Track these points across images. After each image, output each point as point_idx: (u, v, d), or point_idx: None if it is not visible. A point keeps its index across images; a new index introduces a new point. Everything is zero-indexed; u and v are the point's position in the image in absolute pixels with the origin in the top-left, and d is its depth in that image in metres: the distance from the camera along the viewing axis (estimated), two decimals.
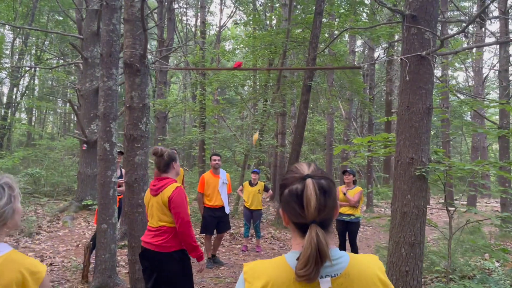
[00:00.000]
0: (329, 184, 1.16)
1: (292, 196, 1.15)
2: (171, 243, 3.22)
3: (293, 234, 1.20)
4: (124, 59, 4.20)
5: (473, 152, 16.94)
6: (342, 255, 1.18)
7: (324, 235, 1.10)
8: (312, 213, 1.10)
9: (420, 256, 3.73)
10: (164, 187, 3.24)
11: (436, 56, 3.72)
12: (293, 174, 1.20)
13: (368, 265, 1.19)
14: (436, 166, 3.72)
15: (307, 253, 1.08)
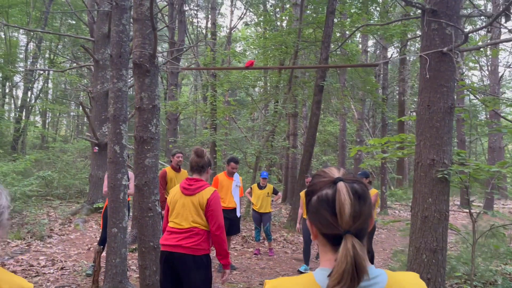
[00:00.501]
0: (363, 189, 1.02)
1: (321, 203, 1.00)
2: (202, 246, 3.16)
3: (323, 249, 1.05)
4: (134, 59, 4.10)
5: (489, 153, 16.57)
6: (379, 273, 1.02)
7: (361, 247, 0.96)
8: (346, 222, 0.96)
9: (443, 263, 3.56)
10: (202, 188, 3.19)
11: (458, 53, 3.55)
12: (321, 178, 1.05)
13: (409, 285, 1.02)
14: (459, 168, 3.54)
15: (341, 268, 0.93)
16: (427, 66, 3.59)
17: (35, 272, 5.77)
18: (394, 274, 1.04)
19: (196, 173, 3.29)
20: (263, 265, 7.02)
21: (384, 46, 16.13)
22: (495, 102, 4.75)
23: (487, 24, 3.23)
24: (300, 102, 15.73)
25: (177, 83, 16.14)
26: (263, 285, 5.75)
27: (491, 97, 4.45)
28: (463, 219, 13.12)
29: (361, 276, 0.93)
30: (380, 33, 12.67)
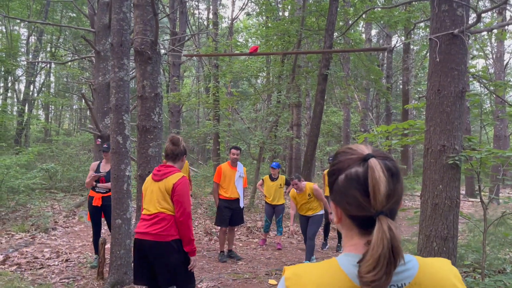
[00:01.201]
0: (395, 166, 0.92)
1: (351, 181, 0.91)
2: (169, 231, 3.09)
3: (348, 233, 0.96)
4: (135, 46, 4.00)
5: (495, 141, 16.43)
6: (411, 259, 0.93)
7: (397, 229, 0.87)
8: (380, 201, 0.86)
9: (454, 251, 3.48)
10: (169, 174, 3.15)
11: (469, 35, 3.44)
12: (348, 155, 0.95)
13: (441, 272, 0.94)
14: (471, 153, 3.44)
15: (377, 252, 0.83)
16: (437, 49, 3.48)
17: (40, 264, 5.74)
18: (425, 260, 0.96)
19: (170, 160, 3.24)
20: (268, 256, 6.97)
21: (388, 34, 15.92)
22: (505, 87, 4.64)
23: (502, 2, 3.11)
24: (304, 92, 15.59)
25: (179, 75, 16.03)
26: (269, 275, 5.71)
27: (501, 82, 4.34)
28: (468, 208, 13.03)
29: (398, 260, 0.85)
30: (384, 21, 12.50)
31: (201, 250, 7.04)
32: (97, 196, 5.70)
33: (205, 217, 9.50)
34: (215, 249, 7.16)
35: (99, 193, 5.71)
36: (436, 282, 0.91)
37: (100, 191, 5.72)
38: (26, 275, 5.28)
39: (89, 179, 5.71)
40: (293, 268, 0.95)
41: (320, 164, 24.59)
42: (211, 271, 5.81)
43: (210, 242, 7.76)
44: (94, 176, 5.65)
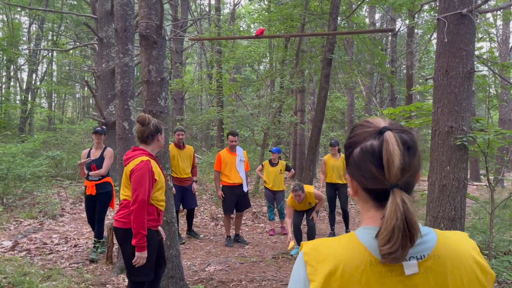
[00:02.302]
0: (413, 139, 0.92)
1: (366, 154, 0.90)
2: (129, 219, 2.98)
3: (365, 206, 0.96)
4: (140, 30, 3.98)
5: (500, 125, 16.35)
6: (429, 231, 0.94)
7: (412, 202, 0.86)
8: (395, 174, 0.86)
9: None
10: (132, 159, 3.01)
11: (478, 14, 3.40)
12: (364, 128, 0.95)
13: (460, 244, 0.94)
14: (479, 134, 3.43)
15: (391, 225, 0.83)
16: (445, 30, 3.45)
17: (49, 250, 5.81)
18: (443, 232, 0.96)
19: (142, 143, 3.11)
20: (274, 240, 7.02)
21: (392, 17, 15.75)
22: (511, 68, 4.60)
23: None
24: (307, 77, 15.51)
25: (182, 61, 15.96)
26: (276, 258, 5.76)
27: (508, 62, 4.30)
28: (473, 192, 13.04)
29: (414, 233, 0.85)
30: (388, 4, 12.35)
31: (208, 235, 7.10)
32: (90, 184, 5.44)
33: (211, 203, 9.55)
34: (221, 234, 7.22)
35: (92, 181, 5.45)
36: (455, 254, 0.91)
37: (93, 179, 5.45)
38: (36, 260, 5.34)
39: (80, 169, 5.46)
40: (311, 243, 0.95)
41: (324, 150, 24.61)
42: (218, 255, 5.86)
43: (216, 227, 7.82)
44: (82, 163, 5.34)
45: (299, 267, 0.93)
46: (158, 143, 3.16)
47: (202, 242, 6.64)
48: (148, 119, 3.06)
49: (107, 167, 5.50)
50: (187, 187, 6.58)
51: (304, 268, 0.91)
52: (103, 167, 5.46)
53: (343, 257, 0.89)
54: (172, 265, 4.26)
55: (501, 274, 3.87)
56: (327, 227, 8.08)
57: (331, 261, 0.89)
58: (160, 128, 3.14)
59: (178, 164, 6.48)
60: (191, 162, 6.72)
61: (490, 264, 3.77)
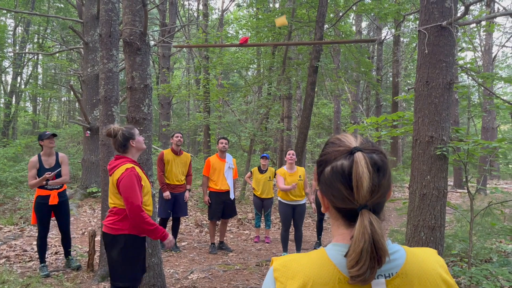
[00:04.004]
0: (383, 160, 0.92)
1: (336, 174, 0.91)
2: (118, 225, 3.04)
3: (335, 223, 0.97)
4: (124, 37, 3.96)
5: (483, 133, 16.63)
6: (398, 249, 0.95)
7: (379, 224, 0.87)
8: (363, 196, 0.87)
9: (441, 240, 3.54)
10: (116, 168, 3.03)
11: (457, 27, 3.46)
12: (336, 147, 0.95)
13: (428, 262, 0.95)
14: (458, 144, 3.49)
15: (359, 247, 0.84)
16: (426, 41, 3.51)
17: (29, 257, 5.71)
18: (411, 249, 0.97)
19: (122, 153, 3.12)
20: (259, 247, 7.01)
21: (378, 26, 15.96)
22: (493, 79, 4.69)
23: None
24: (294, 84, 15.60)
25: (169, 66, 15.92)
26: (260, 265, 5.75)
27: (488, 73, 4.38)
28: (456, 199, 13.21)
29: (382, 255, 0.85)
30: (374, 13, 12.51)
31: (192, 242, 7.05)
32: (53, 193, 5.04)
33: (196, 209, 9.50)
34: (206, 241, 7.18)
35: (53, 190, 5.06)
36: (422, 272, 0.92)
37: (54, 187, 5.08)
38: (15, 267, 5.24)
39: (36, 181, 4.95)
40: (281, 259, 0.95)
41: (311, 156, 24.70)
42: (202, 263, 5.83)
43: (201, 234, 7.78)
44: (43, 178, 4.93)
45: (268, 282, 0.94)
46: (135, 148, 3.14)
47: (186, 249, 6.59)
48: (113, 131, 3.06)
49: (68, 173, 5.24)
50: (179, 194, 6.44)
51: (274, 284, 0.92)
52: (65, 174, 5.17)
53: (312, 274, 0.89)
54: (153, 273, 4.22)
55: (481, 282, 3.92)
56: (312, 234, 8.10)
57: (300, 278, 0.89)
58: (130, 135, 3.10)
59: (172, 170, 6.36)
60: (186, 170, 6.60)
61: (469, 273, 3.82)
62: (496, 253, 5.64)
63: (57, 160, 5.19)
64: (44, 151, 5.13)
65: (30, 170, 5.01)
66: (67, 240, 5.32)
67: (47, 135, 5.13)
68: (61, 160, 5.22)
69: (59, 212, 5.19)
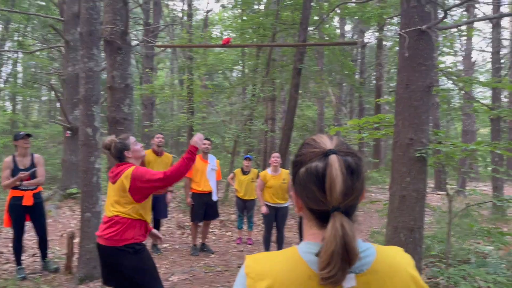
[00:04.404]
0: (357, 162, 0.93)
1: (310, 176, 0.91)
2: (122, 236, 2.91)
3: (308, 223, 0.97)
4: (104, 36, 3.91)
5: (463, 136, 16.94)
6: (368, 247, 0.96)
7: (351, 226, 0.88)
8: (336, 198, 0.88)
9: (420, 241, 3.58)
10: (122, 172, 2.97)
11: (437, 31, 3.51)
12: (311, 148, 0.95)
13: (397, 259, 0.97)
14: (437, 146, 3.54)
15: (330, 249, 0.85)
16: (406, 45, 3.55)
17: (5, 260, 5.58)
18: (381, 247, 0.99)
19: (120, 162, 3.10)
20: (241, 248, 6.99)
21: (361, 29, 16.13)
22: (471, 83, 4.78)
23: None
24: (278, 86, 15.64)
25: (153, 66, 15.79)
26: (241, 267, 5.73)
27: (467, 78, 4.47)
28: (437, 201, 13.42)
29: (353, 258, 0.86)
30: (357, 16, 12.65)
31: (173, 244, 6.99)
32: (28, 194, 4.90)
33: (178, 211, 9.43)
34: (187, 242, 7.13)
35: (28, 190, 4.92)
36: (392, 268, 0.94)
37: (29, 188, 4.94)
38: None
39: (10, 181, 4.81)
40: (254, 256, 0.96)
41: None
42: (183, 265, 5.78)
43: (182, 236, 7.72)
44: (17, 178, 4.79)
45: (240, 278, 0.95)
46: (132, 158, 3.10)
47: (167, 251, 6.53)
48: (107, 144, 3.06)
49: (44, 175, 5.12)
50: (160, 196, 6.32)
51: (244, 280, 0.93)
52: (40, 175, 5.04)
53: (283, 270, 0.90)
54: None
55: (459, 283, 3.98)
56: (295, 236, 8.12)
57: (271, 274, 0.90)
58: (124, 146, 3.07)
59: None
60: None
61: (448, 273, 3.88)
62: (474, 254, 5.74)
63: (33, 161, 5.07)
64: (19, 152, 5.01)
65: (4, 170, 4.87)
66: (43, 243, 5.21)
67: (21, 135, 5.01)
68: (37, 161, 5.10)
69: (34, 215, 5.06)
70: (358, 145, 15.04)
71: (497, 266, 4.59)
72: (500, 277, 3.84)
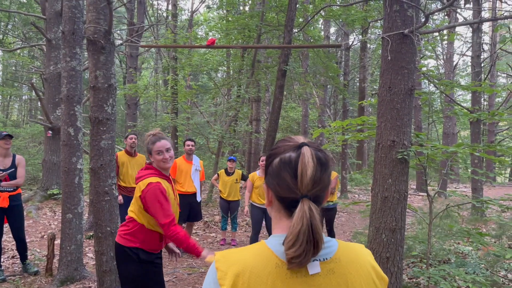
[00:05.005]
0: (326, 158, 1.01)
1: (284, 164, 0.98)
2: (130, 237, 2.79)
3: (277, 215, 1.02)
4: (87, 35, 3.86)
5: (444, 138, 17.25)
6: (331, 239, 1.03)
7: (318, 211, 0.94)
8: (306, 184, 0.94)
9: (401, 242, 3.63)
10: (141, 179, 2.82)
11: (418, 34, 3.57)
12: (286, 143, 1.03)
13: (359, 251, 1.04)
14: (418, 149, 3.60)
15: (296, 229, 0.90)
16: (389, 48, 3.60)
17: None
18: (343, 242, 1.06)
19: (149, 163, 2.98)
20: (225, 249, 6.97)
21: (345, 32, 16.28)
22: (452, 86, 4.87)
23: (448, 4, 3.26)
24: (263, 87, 15.67)
25: (137, 66, 15.64)
26: None
27: (448, 81, 4.55)
28: (418, 202, 13.63)
29: (318, 240, 0.92)
30: (342, 19, 12.76)
31: None
32: (4, 195, 4.89)
33: None
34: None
35: (5, 192, 4.91)
36: (354, 258, 1.01)
37: (6, 190, 4.92)
38: None
39: None
40: (222, 252, 1.00)
41: None
42: (166, 266, 5.74)
43: None
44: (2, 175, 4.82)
45: (211, 273, 0.97)
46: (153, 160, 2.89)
47: None
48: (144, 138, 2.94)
49: (24, 176, 5.03)
50: None
51: (215, 274, 0.95)
52: (19, 176, 4.98)
53: (251, 261, 0.94)
54: (115, 276, 4.13)
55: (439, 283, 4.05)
56: None
57: (240, 265, 0.93)
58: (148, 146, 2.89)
59: (127, 172, 6.24)
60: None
61: (428, 273, 3.94)
62: (454, 254, 5.86)
63: (14, 161, 5.00)
64: (0, 152, 4.94)
65: None
66: (22, 245, 5.11)
67: (2, 136, 4.95)
68: (18, 162, 5.02)
69: (11, 217, 4.98)
70: (341, 147, 15.16)
71: (476, 266, 4.69)
72: (479, 277, 3.92)
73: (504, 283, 4.70)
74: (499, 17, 3.81)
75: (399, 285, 3.65)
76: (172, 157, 2.90)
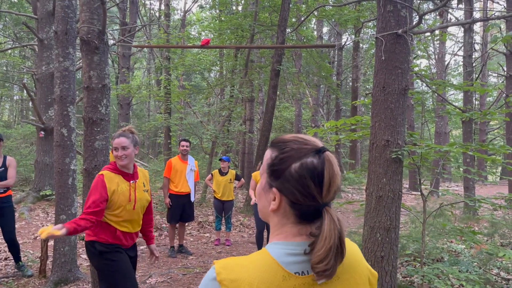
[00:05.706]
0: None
1: (307, 171, 0.91)
2: (88, 231, 2.89)
3: (282, 220, 0.95)
4: (81, 35, 3.84)
5: (436, 138, 17.37)
6: None
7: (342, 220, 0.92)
8: (332, 195, 0.92)
9: (396, 241, 3.65)
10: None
11: (412, 35, 3.60)
12: (302, 145, 0.95)
13: (355, 251, 1.03)
14: (412, 148, 3.62)
15: (330, 243, 0.86)
16: (383, 48, 3.62)
17: None
18: None
19: None
20: (219, 250, 6.97)
21: (338, 32, 16.34)
22: (444, 86, 4.91)
23: (441, 5, 3.29)
24: (257, 87, 15.68)
25: (129, 66, 15.57)
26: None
27: (440, 81, 4.58)
28: (411, 201, 13.71)
29: (344, 248, 0.89)
30: (334, 19, 12.81)
31: None
32: None
33: (155, 212, 9.33)
34: (165, 244, 7.07)
35: None
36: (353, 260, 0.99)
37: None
38: None
39: None
40: (223, 262, 0.93)
41: None
42: (161, 267, 5.72)
43: (160, 238, 7.65)
44: None
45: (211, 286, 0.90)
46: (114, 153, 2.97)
47: (144, 253, 6.46)
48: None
49: (14, 177, 4.96)
50: None
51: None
52: (10, 177, 4.92)
53: (257, 274, 0.88)
54: None
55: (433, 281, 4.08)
56: None
57: (245, 279, 0.88)
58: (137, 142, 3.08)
59: None
60: None
61: (422, 272, 3.97)
62: (447, 252, 5.90)
63: (4, 163, 4.94)
64: None
65: None
66: (14, 247, 5.06)
67: None
68: (9, 163, 4.96)
69: (1, 219, 4.92)
70: (334, 146, 15.20)
71: (469, 264, 4.73)
72: (472, 275, 3.96)
73: (497, 281, 4.75)
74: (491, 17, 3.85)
75: (394, 284, 3.67)
76: (127, 155, 2.92)
